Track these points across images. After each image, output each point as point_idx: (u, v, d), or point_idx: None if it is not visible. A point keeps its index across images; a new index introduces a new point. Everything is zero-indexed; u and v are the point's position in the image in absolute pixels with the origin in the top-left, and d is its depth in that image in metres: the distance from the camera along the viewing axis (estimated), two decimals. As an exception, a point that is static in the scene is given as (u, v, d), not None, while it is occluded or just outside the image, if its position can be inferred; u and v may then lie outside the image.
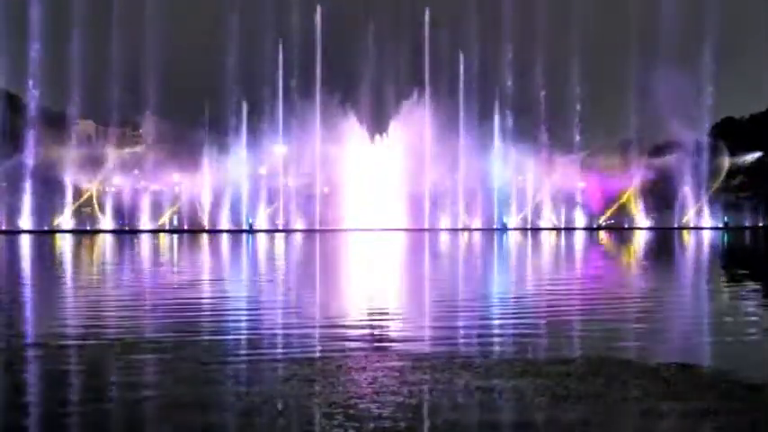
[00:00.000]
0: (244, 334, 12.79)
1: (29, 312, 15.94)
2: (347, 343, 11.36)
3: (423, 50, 75.98)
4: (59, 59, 72.71)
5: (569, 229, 74.76)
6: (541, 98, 76.39)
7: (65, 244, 51.43)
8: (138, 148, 77.39)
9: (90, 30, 71.64)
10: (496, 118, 76.48)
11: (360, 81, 75.87)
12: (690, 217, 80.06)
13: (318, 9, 73.98)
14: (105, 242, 52.85)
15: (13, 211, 70.10)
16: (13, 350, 10.92)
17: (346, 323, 13.90)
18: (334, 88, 74.66)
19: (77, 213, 73.16)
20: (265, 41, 73.82)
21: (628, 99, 79.79)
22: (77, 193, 73.62)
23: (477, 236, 62.74)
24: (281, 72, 74.35)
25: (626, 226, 78.76)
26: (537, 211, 77.45)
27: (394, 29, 76.47)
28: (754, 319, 14.76)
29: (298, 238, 59.81)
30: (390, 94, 76.18)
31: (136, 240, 56.13)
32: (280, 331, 13.05)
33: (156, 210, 74.60)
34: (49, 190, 71.74)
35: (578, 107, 77.85)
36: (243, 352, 10.84)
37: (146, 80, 73.08)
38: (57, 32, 74.49)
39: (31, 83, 71.83)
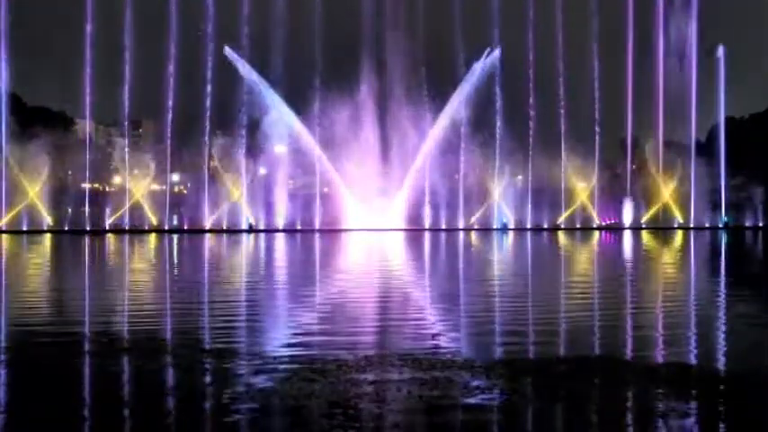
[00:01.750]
0: (244, 334, 12.83)
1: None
2: (348, 343, 11.41)
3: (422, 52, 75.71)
4: (60, 60, 72.70)
5: (569, 230, 74.63)
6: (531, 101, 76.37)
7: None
8: (138, 148, 77.31)
9: (91, 29, 71.42)
10: (497, 118, 76.33)
11: (360, 82, 75.66)
12: (690, 217, 79.91)
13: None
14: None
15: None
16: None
17: (346, 323, 13.95)
18: (334, 87, 74.37)
19: (77, 213, 72.94)
20: (265, 38, 73.61)
21: (627, 98, 79.68)
22: (76, 193, 73.47)
23: (477, 236, 62.66)
24: (280, 69, 74.14)
25: (625, 226, 78.55)
26: (537, 211, 77.22)
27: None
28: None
29: (297, 238, 59.77)
30: (392, 93, 75.92)
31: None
32: (282, 331, 13.09)
33: (156, 210, 74.46)
34: (48, 190, 71.57)
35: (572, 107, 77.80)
36: (243, 351, 10.88)
37: (146, 80, 73.08)
38: (57, 33, 74.56)
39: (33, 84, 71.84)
